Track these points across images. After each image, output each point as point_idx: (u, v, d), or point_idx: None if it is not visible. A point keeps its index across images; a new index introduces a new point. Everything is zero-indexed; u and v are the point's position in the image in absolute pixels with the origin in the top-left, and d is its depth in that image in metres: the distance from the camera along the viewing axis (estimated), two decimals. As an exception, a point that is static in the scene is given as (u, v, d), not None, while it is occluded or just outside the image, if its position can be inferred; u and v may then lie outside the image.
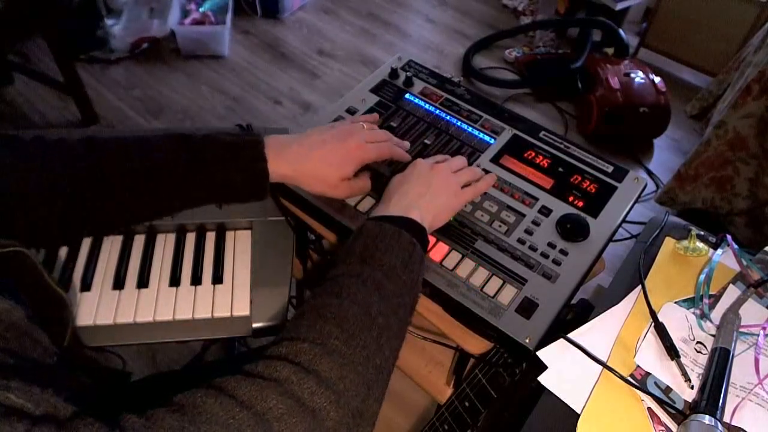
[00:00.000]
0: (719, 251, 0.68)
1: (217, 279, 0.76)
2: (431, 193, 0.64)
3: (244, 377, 0.43)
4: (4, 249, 0.51)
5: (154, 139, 0.61)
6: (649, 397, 0.56)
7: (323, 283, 0.53)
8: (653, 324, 0.61)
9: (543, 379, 0.58)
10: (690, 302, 0.64)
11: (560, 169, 0.77)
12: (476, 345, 0.66)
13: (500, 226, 0.70)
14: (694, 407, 0.54)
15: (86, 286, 0.74)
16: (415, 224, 0.59)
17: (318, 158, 0.65)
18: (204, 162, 0.60)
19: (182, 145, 0.61)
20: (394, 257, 0.54)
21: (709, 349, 0.59)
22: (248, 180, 0.62)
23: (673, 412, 0.55)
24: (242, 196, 0.63)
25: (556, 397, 0.56)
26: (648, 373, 0.58)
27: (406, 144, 0.75)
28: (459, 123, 0.83)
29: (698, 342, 0.61)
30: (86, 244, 0.79)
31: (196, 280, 0.76)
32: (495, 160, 0.78)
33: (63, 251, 0.77)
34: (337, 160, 0.66)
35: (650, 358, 0.59)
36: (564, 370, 0.58)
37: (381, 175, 0.74)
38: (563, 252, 0.68)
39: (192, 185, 0.61)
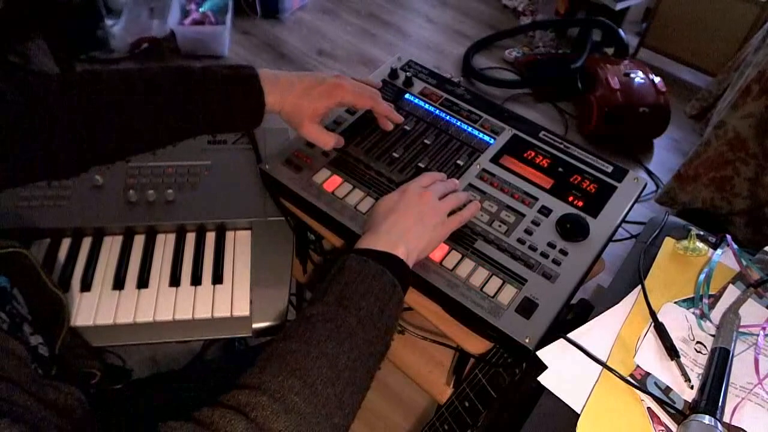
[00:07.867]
0: (719, 251, 0.68)
1: (217, 279, 0.76)
2: (420, 225, 0.62)
3: (195, 425, 0.41)
4: (4, 249, 0.51)
5: (154, 73, 0.63)
6: (649, 397, 0.56)
7: (298, 320, 0.52)
8: (653, 324, 0.61)
9: (543, 379, 0.58)
10: (690, 302, 0.64)
11: (560, 169, 0.77)
12: (476, 345, 0.66)
13: (500, 226, 0.70)
14: (694, 407, 0.54)
15: (86, 286, 0.74)
16: (399, 264, 0.58)
17: (301, 89, 0.69)
18: (204, 95, 0.63)
19: (182, 79, 0.63)
20: (372, 302, 0.53)
21: (709, 349, 0.59)
22: (246, 111, 0.66)
23: (673, 412, 0.55)
24: (239, 125, 0.68)
25: (556, 397, 0.56)
26: (648, 373, 0.58)
27: (399, 118, 0.80)
28: (459, 123, 0.83)
29: (698, 342, 0.61)
30: (86, 244, 0.79)
31: (196, 280, 0.76)
32: (495, 160, 0.78)
33: (63, 252, 0.77)
34: (317, 93, 0.69)
35: (650, 358, 0.59)
36: (564, 370, 0.58)
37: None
38: (563, 252, 0.68)
39: (192, 117, 0.64)
